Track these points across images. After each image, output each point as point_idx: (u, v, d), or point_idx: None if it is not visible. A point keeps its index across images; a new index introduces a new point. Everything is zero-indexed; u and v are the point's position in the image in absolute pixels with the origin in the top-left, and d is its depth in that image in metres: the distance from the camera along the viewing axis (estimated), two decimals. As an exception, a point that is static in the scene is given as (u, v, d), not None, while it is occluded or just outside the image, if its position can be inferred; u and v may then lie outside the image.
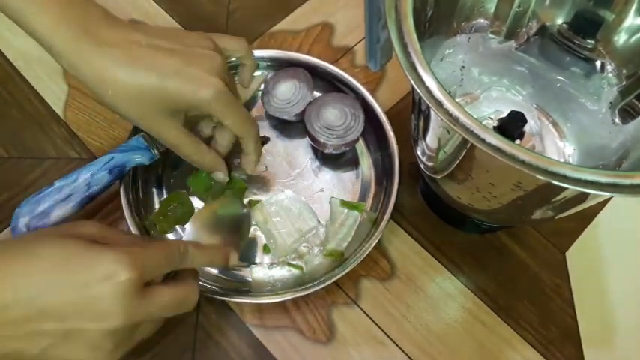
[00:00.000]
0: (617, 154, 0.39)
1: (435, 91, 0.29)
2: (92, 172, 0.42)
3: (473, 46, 0.45)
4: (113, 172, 0.43)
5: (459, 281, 0.47)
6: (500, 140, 0.27)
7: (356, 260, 0.43)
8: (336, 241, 0.46)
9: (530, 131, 0.45)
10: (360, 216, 0.47)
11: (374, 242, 0.44)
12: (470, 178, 0.35)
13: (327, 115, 0.48)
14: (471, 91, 0.47)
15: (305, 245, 0.47)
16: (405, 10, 0.31)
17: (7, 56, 0.56)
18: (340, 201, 0.47)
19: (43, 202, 0.41)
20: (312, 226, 0.47)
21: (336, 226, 0.47)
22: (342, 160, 0.50)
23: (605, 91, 0.42)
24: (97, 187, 0.43)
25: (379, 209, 0.47)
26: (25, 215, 0.41)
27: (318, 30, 0.58)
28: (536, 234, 0.49)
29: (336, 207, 0.47)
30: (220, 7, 0.59)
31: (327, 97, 0.49)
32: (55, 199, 0.42)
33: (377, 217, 0.46)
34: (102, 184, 0.43)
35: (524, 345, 0.45)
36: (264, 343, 0.44)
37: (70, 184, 0.42)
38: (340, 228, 0.47)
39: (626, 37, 0.40)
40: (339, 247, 0.46)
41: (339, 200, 0.48)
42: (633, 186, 0.26)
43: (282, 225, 0.46)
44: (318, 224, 0.47)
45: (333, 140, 0.47)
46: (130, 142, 0.44)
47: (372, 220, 0.46)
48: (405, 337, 0.45)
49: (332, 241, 0.46)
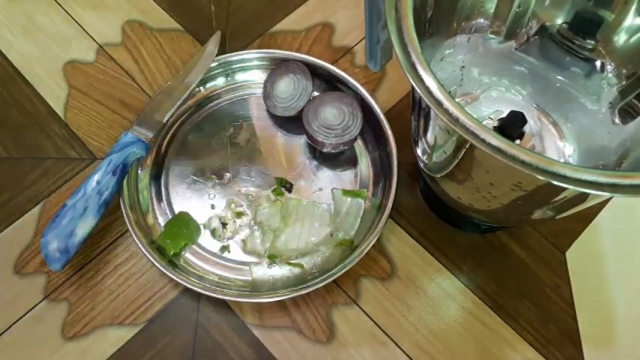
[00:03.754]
0: (617, 154, 0.39)
1: (435, 91, 0.29)
2: (98, 180, 0.43)
3: (473, 46, 0.45)
4: (117, 173, 0.44)
5: (458, 281, 0.47)
6: (501, 140, 0.27)
7: (367, 247, 0.44)
8: (344, 230, 0.47)
9: (530, 131, 0.45)
10: (364, 202, 0.48)
11: (381, 227, 0.45)
12: (470, 178, 0.35)
13: (325, 114, 0.48)
14: (470, 91, 0.47)
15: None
16: (405, 10, 0.31)
17: (7, 56, 0.56)
18: (342, 190, 0.48)
19: (63, 224, 0.42)
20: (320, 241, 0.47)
21: (342, 215, 0.47)
22: (341, 158, 0.50)
23: (605, 91, 0.42)
24: (108, 191, 0.44)
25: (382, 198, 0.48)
26: (52, 241, 0.42)
27: (318, 30, 0.58)
28: (536, 234, 0.49)
29: (338, 197, 0.48)
30: (220, 7, 0.59)
31: (326, 95, 0.49)
32: (74, 217, 0.42)
33: (380, 202, 0.47)
34: (110, 187, 0.44)
35: (524, 345, 0.45)
36: (264, 343, 0.44)
37: (81, 198, 0.43)
38: (346, 217, 0.47)
39: (626, 37, 0.40)
40: (348, 236, 0.47)
41: (341, 190, 0.48)
42: (633, 186, 0.26)
43: (299, 229, 0.47)
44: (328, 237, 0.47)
45: (331, 139, 0.47)
46: (121, 140, 0.46)
47: (376, 206, 0.47)
48: (405, 337, 0.45)
49: (340, 231, 0.47)
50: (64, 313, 0.46)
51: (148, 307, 0.46)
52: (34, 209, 0.49)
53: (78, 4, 0.59)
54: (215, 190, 0.49)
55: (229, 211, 0.48)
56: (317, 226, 0.47)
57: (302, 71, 0.50)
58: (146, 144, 0.46)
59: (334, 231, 0.47)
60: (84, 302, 0.46)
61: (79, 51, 0.56)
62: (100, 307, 0.46)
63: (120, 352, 0.44)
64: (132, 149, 0.45)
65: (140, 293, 0.46)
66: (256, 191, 0.49)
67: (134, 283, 0.47)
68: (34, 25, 0.58)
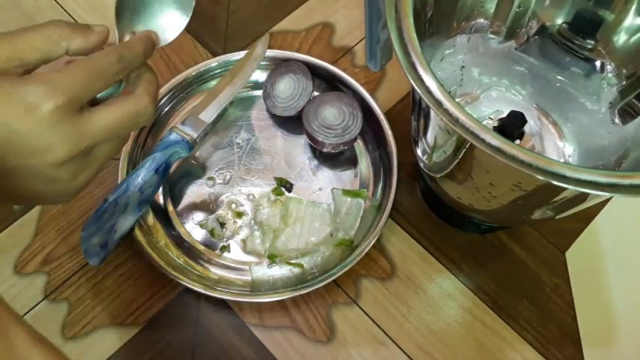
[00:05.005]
0: (617, 154, 0.39)
1: (435, 91, 0.29)
2: (141, 177, 0.43)
3: (473, 46, 0.45)
4: (159, 171, 0.44)
5: (458, 281, 0.47)
6: (501, 140, 0.27)
7: (367, 246, 0.44)
8: (344, 230, 0.47)
9: (530, 131, 0.45)
10: (364, 202, 0.48)
11: (381, 227, 0.45)
12: (470, 178, 0.35)
13: (325, 113, 0.48)
14: (470, 91, 0.47)
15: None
16: (405, 10, 0.31)
17: (7, 56, 0.56)
18: (342, 190, 0.48)
19: (104, 219, 0.42)
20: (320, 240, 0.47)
21: (342, 215, 0.47)
22: (341, 158, 0.50)
23: (605, 91, 0.42)
24: (150, 189, 0.44)
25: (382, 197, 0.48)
26: (93, 235, 0.42)
27: (318, 30, 0.58)
28: (536, 234, 0.49)
29: (338, 197, 0.48)
30: (220, 7, 0.59)
31: (326, 95, 0.49)
32: (115, 213, 0.42)
33: (380, 202, 0.47)
34: (153, 185, 0.44)
35: (524, 345, 0.45)
36: (264, 343, 0.44)
37: (122, 195, 0.42)
38: (346, 217, 0.47)
39: (626, 37, 0.40)
40: (348, 236, 0.47)
41: (341, 190, 0.48)
42: (633, 186, 0.26)
43: (299, 230, 0.47)
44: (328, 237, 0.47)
45: (331, 139, 0.47)
46: (165, 139, 0.45)
47: (376, 206, 0.47)
48: (405, 337, 0.45)
49: (340, 231, 0.47)
50: (64, 313, 0.46)
51: (148, 307, 0.46)
52: (34, 209, 0.49)
53: (78, 4, 0.59)
54: (215, 190, 0.49)
55: (229, 211, 0.48)
56: (317, 226, 0.47)
57: (302, 71, 0.50)
58: (190, 144, 0.45)
59: (334, 231, 0.47)
60: (84, 302, 0.46)
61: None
62: (100, 307, 0.46)
63: (120, 352, 0.44)
64: (175, 148, 0.45)
65: (140, 293, 0.46)
66: (256, 191, 0.49)
67: (134, 283, 0.47)
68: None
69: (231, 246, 0.47)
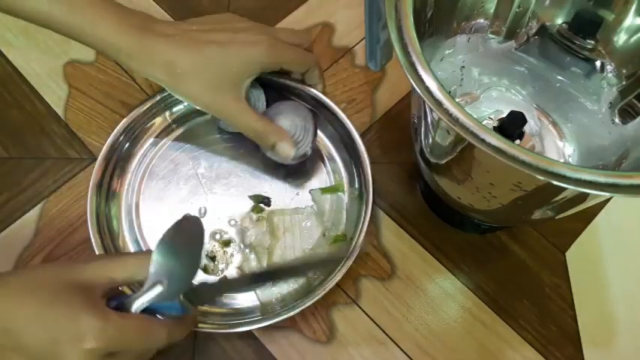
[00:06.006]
0: (617, 154, 0.39)
1: (435, 91, 0.29)
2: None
3: (473, 46, 0.45)
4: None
5: (458, 281, 0.47)
6: (501, 140, 0.27)
7: (360, 236, 0.44)
8: (334, 226, 0.47)
9: (530, 131, 0.45)
10: (344, 194, 0.48)
11: (368, 215, 0.45)
12: (470, 178, 0.35)
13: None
14: (470, 91, 0.47)
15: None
16: (405, 10, 0.31)
17: (7, 56, 0.56)
18: (320, 189, 0.48)
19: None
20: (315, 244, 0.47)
21: (327, 213, 0.47)
22: (307, 160, 0.48)
23: (605, 91, 0.42)
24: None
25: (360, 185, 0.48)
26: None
27: (318, 30, 0.58)
28: (536, 234, 0.49)
29: (318, 196, 0.48)
30: (220, 7, 0.59)
31: (280, 106, 0.47)
32: None
33: (360, 190, 0.47)
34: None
35: (524, 345, 0.45)
36: (264, 343, 0.44)
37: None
38: (332, 214, 0.48)
39: (626, 37, 0.40)
40: (340, 232, 0.47)
41: (319, 189, 0.48)
42: (633, 186, 0.26)
43: (290, 240, 0.46)
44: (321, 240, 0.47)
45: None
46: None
47: (357, 195, 0.48)
48: (405, 337, 0.45)
49: (332, 229, 0.47)
50: (64, 313, 0.45)
51: (148, 307, 0.46)
52: (33, 209, 0.49)
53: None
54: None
55: (215, 242, 0.47)
56: (307, 231, 0.47)
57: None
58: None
59: (325, 230, 0.47)
60: (84, 302, 0.46)
61: (79, 51, 0.55)
62: (100, 307, 0.46)
63: (120, 352, 0.44)
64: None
65: (140, 293, 0.46)
66: (236, 214, 0.47)
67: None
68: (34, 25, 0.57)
69: (229, 276, 0.46)
